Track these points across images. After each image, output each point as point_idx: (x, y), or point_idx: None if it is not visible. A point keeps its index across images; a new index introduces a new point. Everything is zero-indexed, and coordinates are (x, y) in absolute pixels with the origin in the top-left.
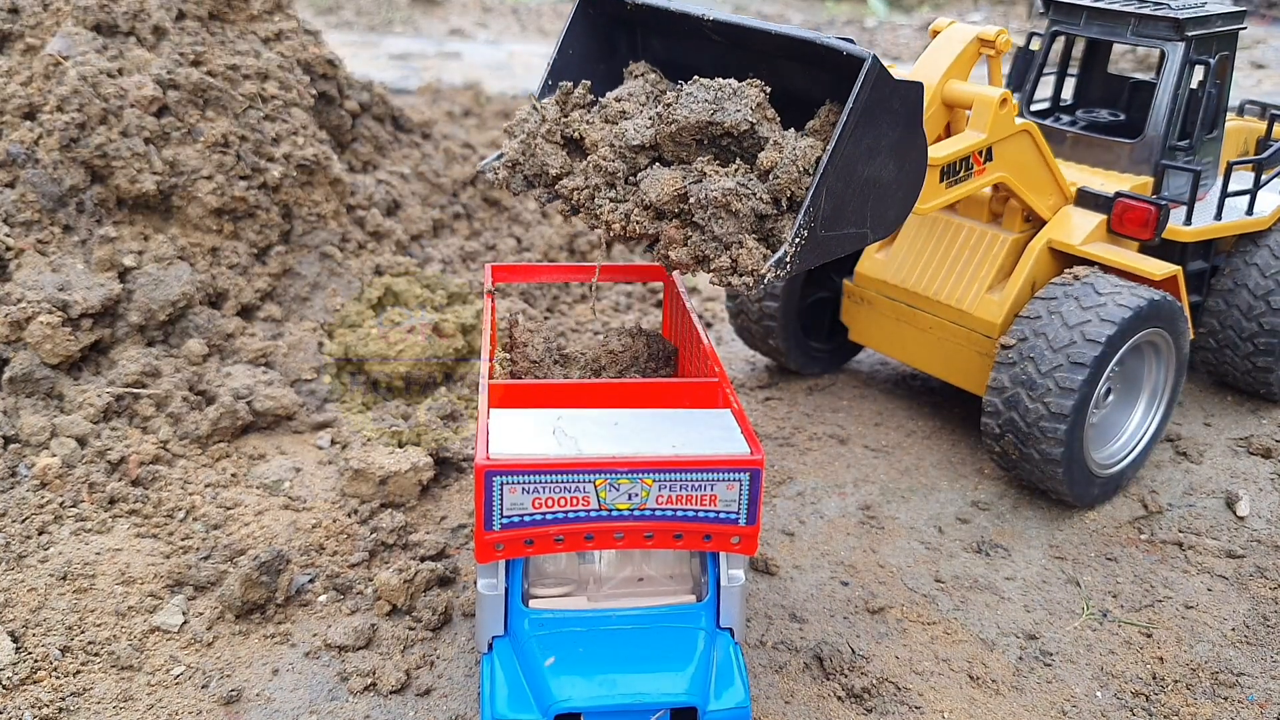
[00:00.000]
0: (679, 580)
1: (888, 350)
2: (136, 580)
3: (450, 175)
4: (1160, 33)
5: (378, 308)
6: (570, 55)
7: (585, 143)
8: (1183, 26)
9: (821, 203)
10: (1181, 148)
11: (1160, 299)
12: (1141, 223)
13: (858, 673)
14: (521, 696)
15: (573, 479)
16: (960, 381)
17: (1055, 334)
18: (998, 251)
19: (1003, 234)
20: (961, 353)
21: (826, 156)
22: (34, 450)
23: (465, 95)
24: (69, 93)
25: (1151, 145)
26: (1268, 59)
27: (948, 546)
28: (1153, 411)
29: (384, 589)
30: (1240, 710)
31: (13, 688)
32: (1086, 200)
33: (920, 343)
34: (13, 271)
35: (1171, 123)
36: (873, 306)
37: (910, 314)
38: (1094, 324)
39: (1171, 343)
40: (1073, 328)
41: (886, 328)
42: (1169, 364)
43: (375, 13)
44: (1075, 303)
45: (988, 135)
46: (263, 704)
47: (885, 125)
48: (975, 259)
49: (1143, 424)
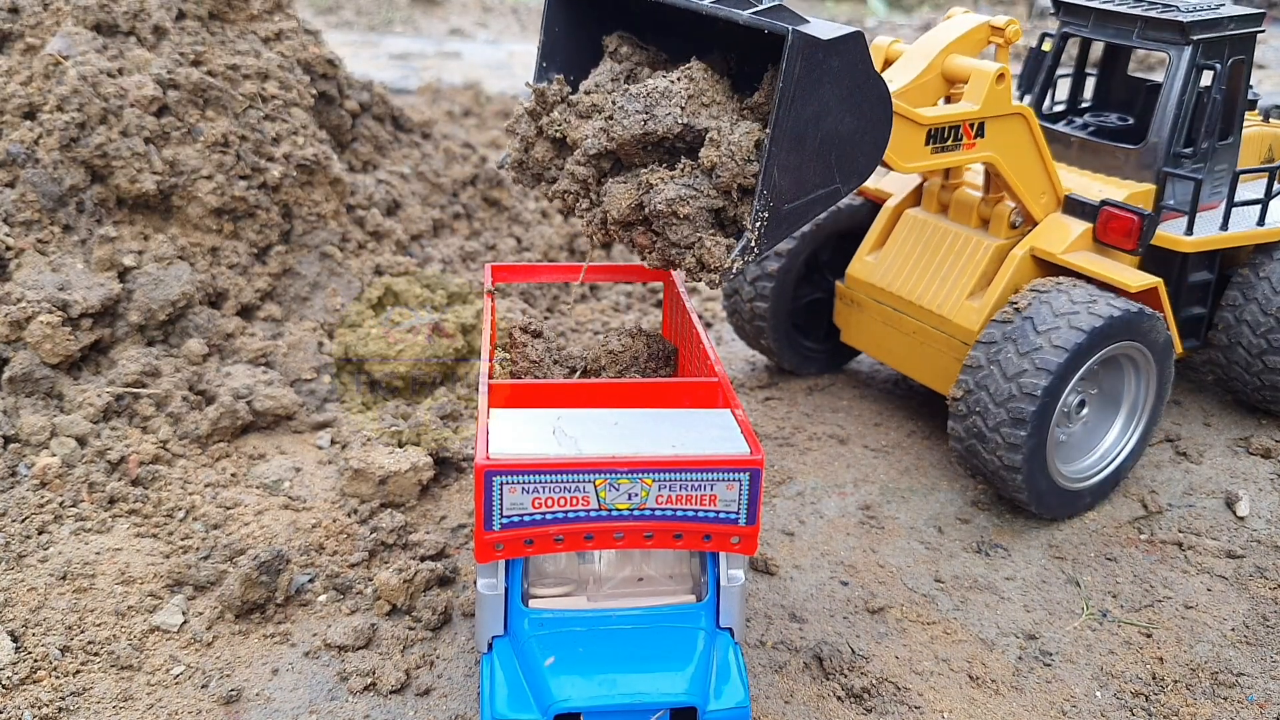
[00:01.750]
0: (679, 580)
1: (875, 353)
2: (136, 580)
3: (450, 175)
4: (1165, 36)
5: (378, 308)
6: (556, 34)
7: (568, 142)
8: (1188, 30)
9: (775, 181)
10: (1187, 155)
11: (1135, 311)
12: (1125, 232)
13: (857, 672)
14: (521, 696)
15: (572, 479)
16: (940, 386)
17: (1024, 340)
18: (981, 258)
19: (987, 240)
20: (941, 358)
21: (769, 138)
22: (34, 450)
23: (465, 95)
24: (69, 92)
25: (1155, 152)
26: (1268, 59)
27: (948, 546)
28: (1131, 427)
29: (384, 589)
30: (1240, 710)
31: (13, 687)
32: (1073, 208)
33: (904, 347)
34: (13, 271)
35: (1176, 129)
36: (862, 309)
37: (896, 318)
38: (1063, 331)
39: (1149, 357)
40: (1041, 334)
41: (874, 331)
42: (1148, 379)
43: (375, 12)
44: (1048, 309)
45: (980, 108)
46: (262, 704)
47: (828, 86)
48: (959, 265)
49: (1120, 440)
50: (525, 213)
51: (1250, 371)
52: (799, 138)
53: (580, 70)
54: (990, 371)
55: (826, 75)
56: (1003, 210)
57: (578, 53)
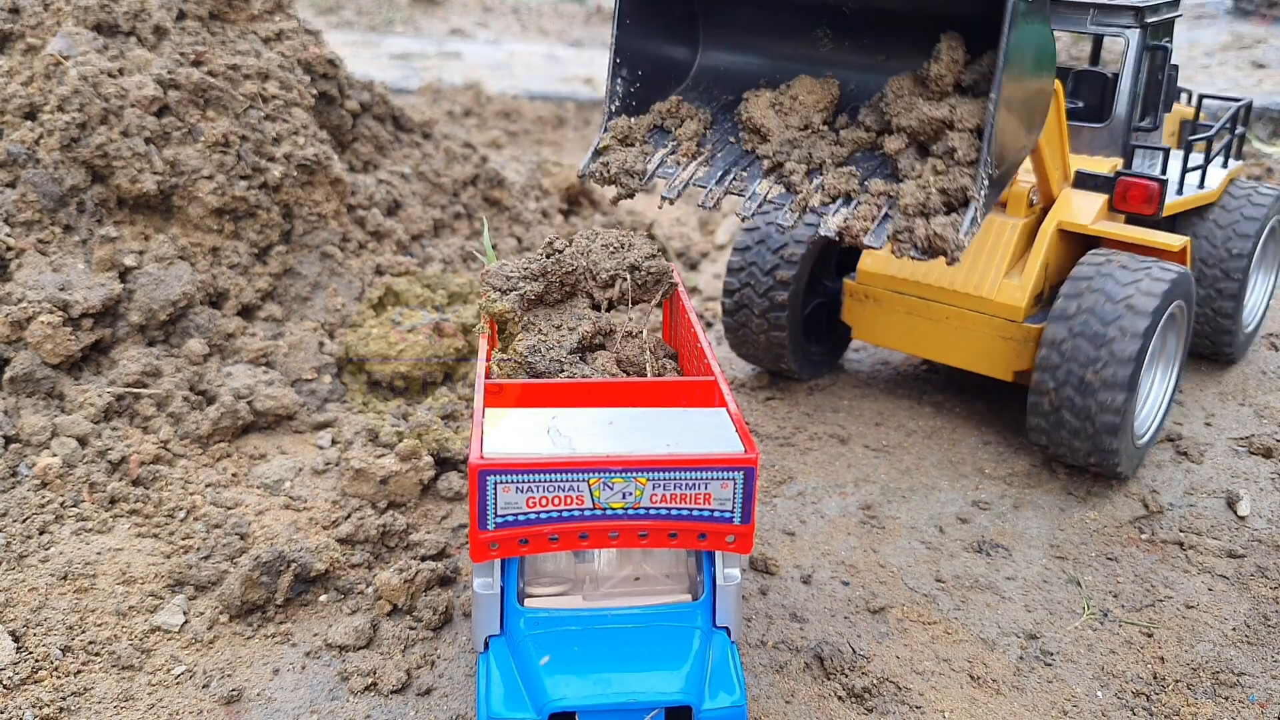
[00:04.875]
0: (675, 579)
1: (898, 344)
2: (137, 580)
3: (451, 175)
4: (1121, 20)
5: (378, 307)
6: (629, 26)
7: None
8: (1142, 14)
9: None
10: (1145, 128)
11: (1183, 271)
12: (1144, 198)
13: (858, 672)
14: (517, 695)
15: (567, 478)
16: (983, 368)
17: (1102, 309)
18: (1009, 237)
19: (1011, 220)
20: (982, 339)
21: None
22: (35, 450)
23: (466, 95)
24: (70, 92)
25: (1118, 128)
26: (1268, 59)
27: (948, 546)
28: (1168, 378)
29: (385, 589)
30: (1241, 710)
31: (13, 687)
32: (1085, 182)
33: (935, 334)
34: (13, 271)
35: (1134, 105)
36: (879, 303)
37: (923, 306)
38: (1138, 297)
39: (1186, 312)
40: (1118, 302)
41: (896, 323)
42: (1182, 332)
43: (376, 12)
44: (1112, 280)
45: None
46: (263, 704)
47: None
48: (987, 247)
49: (1161, 391)
50: (525, 213)
51: (1201, 322)
52: (1010, 101)
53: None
54: (1076, 344)
55: (1027, 30)
56: (1020, 191)
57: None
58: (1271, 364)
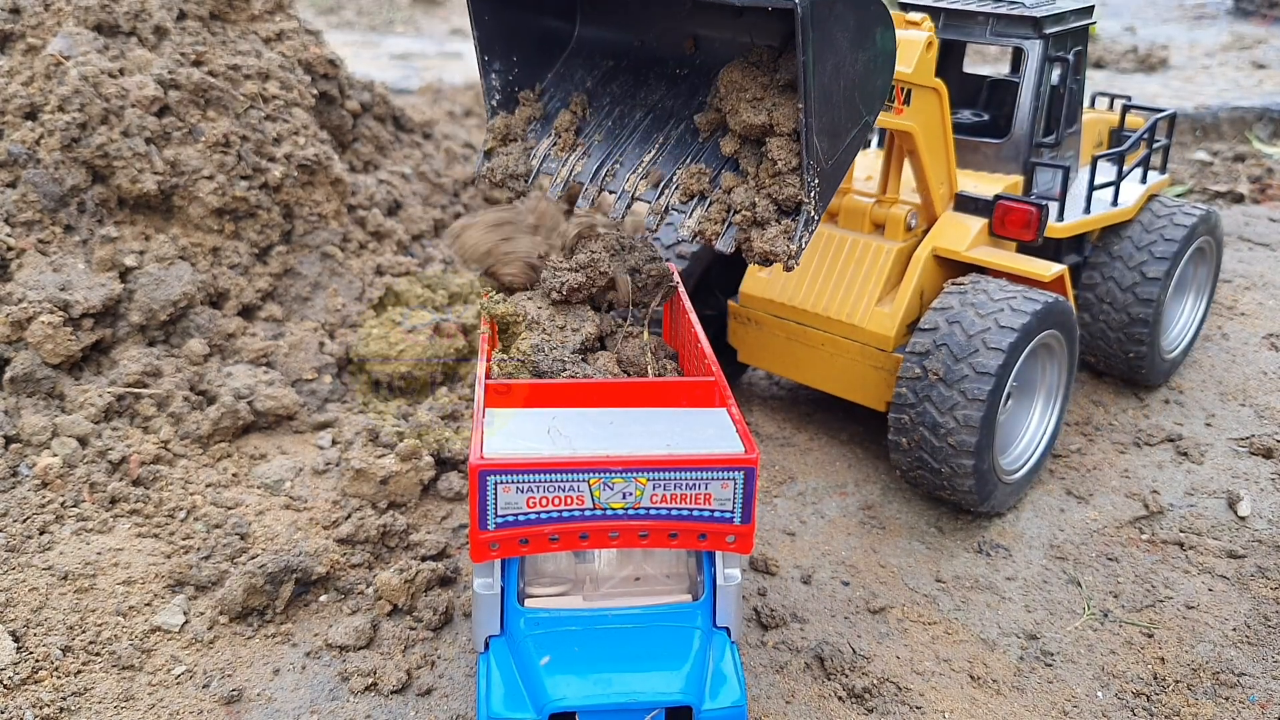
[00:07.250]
0: (675, 579)
1: (780, 370)
2: (137, 580)
3: (451, 175)
4: (1019, 31)
5: (379, 308)
6: (487, 23)
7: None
8: (1040, 24)
9: (816, 148)
10: (1047, 144)
11: (1053, 300)
12: (1023, 224)
13: (859, 673)
14: (517, 695)
15: (567, 478)
16: (857, 397)
17: (958, 343)
18: (884, 262)
19: (887, 244)
20: (855, 367)
21: (801, 112)
22: (35, 450)
23: (466, 95)
24: (70, 93)
25: (1019, 144)
26: (1268, 59)
27: (949, 546)
28: (1049, 413)
29: (385, 589)
30: (1241, 710)
31: (14, 687)
32: (965, 204)
33: (813, 360)
34: (14, 271)
35: (1036, 120)
36: (761, 327)
37: (801, 332)
38: (994, 332)
39: (1063, 342)
40: (973, 336)
41: (777, 347)
42: (1062, 364)
43: (376, 13)
44: (972, 310)
45: (913, 71)
46: (264, 704)
47: (839, 34)
48: (861, 272)
49: (1040, 427)
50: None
51: (1112, 344)
52: (826, 97)
53: (524, 56)
54: (928, 382)
55: (837, 24)
56: (897, 214)
57: (516, 39)
58: (1272, 364)
